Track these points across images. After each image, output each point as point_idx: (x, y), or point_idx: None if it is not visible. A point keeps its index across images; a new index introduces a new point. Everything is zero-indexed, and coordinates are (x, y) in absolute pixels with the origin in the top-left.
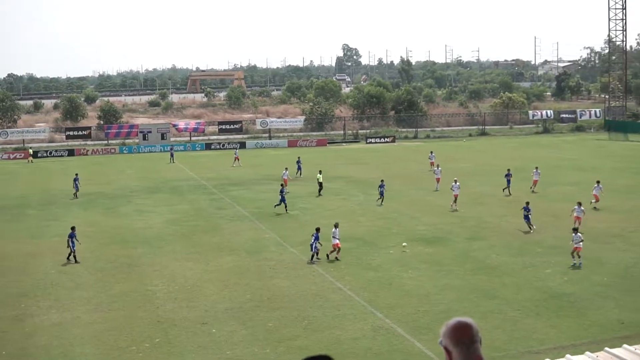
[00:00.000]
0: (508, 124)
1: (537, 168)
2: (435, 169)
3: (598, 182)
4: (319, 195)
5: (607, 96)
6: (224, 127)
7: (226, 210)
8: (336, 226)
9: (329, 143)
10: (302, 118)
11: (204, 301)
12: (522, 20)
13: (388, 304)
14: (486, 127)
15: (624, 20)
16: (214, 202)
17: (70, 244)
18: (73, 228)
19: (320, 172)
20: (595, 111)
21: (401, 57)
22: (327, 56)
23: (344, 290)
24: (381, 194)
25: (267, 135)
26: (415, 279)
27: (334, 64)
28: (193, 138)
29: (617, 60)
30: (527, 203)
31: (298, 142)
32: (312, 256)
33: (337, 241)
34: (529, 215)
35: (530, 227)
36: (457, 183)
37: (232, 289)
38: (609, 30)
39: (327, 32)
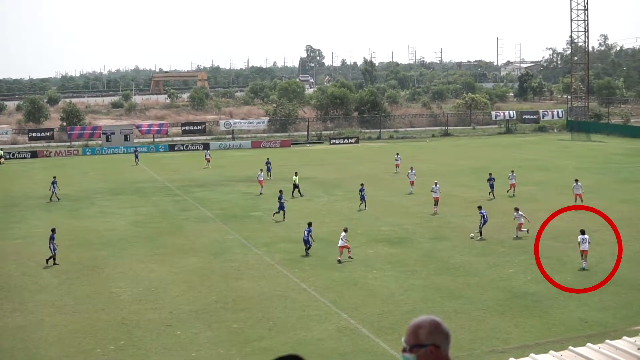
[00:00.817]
0: (471, 124)
1: (512, 172)
2: (410, 172)
3: (577, 180)
4: (301, 196)
5: (569, 97)
6: (187, 128)
7: (190, 211)
8: (345, 230)
9: (292, 144)
10: (266, 119)
11: (168, 303)
12: (485, 22)
13: (353, 304)
14: (449, 127)
15: (586, 21)
16: (178, 204)
17: (51, 247)
18: (53, 230)
19: (296, 173)
20: (557, 112)
21: (364, 58)
22: (290, 57)
23: (308, 291)
24: (362, 198)
25: (230, 136)
26: (380, 280)
27: (297, 65)
28: (156, 139)
29: (579, 61)
30: (480, 207)
31: (262, 143)
32: (307, 250)
33: (346, 244)
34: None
35: (480, 233)
36: (438, 185)
37: (197, 290)
38: (571, 31)
39: (291, 33)
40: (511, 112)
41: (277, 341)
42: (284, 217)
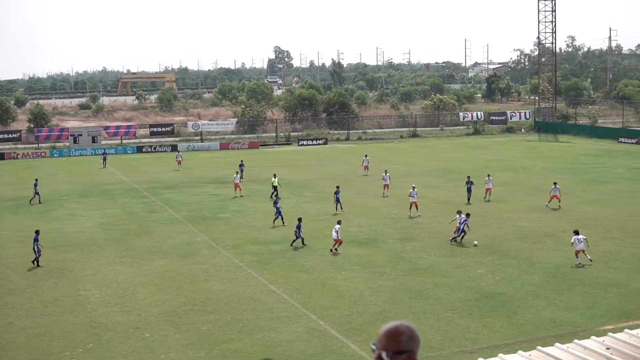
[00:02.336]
0: (439, 125)
1: (489, 175)
2: (384, 174)
3: (555, 183)
4: (277, 198)
5: (536, 98)
6: (155, 129)
7: (158, 213)
8: (339, 223)
9: (261, 145)
10: (234, 120)
11: (136, 305)
12: (453, 23)
13: (322, 305)
14: (417, 128)
15: (554, 23)
16: (146, 206)
17: (35, 249)
18: (37, 232)
19: (274, 175)
20: (525, 112)
21: (332, 59)
22: (258, 58)
23: (277, 292)
24: (337, 200)
25: (198, 138)
26: (349, 281)
27: (265, 66)
28: (124, 141)
29: (546, 62)
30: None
31: (230, 144)
32: (294, 242)
33: (339, 237)
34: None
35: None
36: (416, 190)
37: (165, 292)
38: (539, 32)
39: (259, 34)
40: (479, 113)
41: (246, 343)
42: (282, 222)
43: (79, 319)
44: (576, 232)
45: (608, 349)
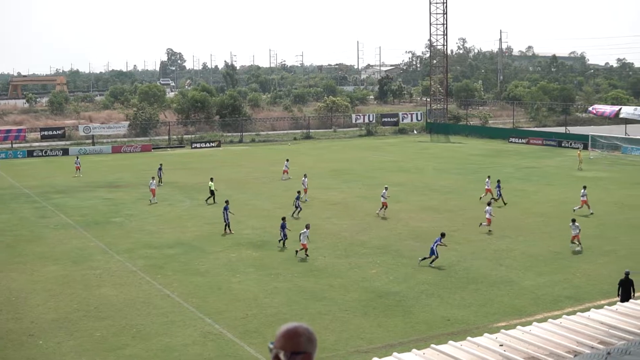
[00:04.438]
0: (332, 127)
1: (493, 178)
2: (303, 179)
3: (584, 187)
4: (213, 202)
5: (428, 99)
6: (46, 133)
7: (50, 218)
8: (307, 227)
9: (153, 148)
10: (126, 123)
11: (29, 312)
12: (345, 25)
13: (217, 309)
14: (311, 130)
15: (445, 25)
16: (37, 211)
17: None
18: None
19: (211, 179)
20: (417, 114)
21: (225, 61)
22: (150, 60)
23: (172, 296)
24: (297, 206)
25: (90, 141)
26: (244, 283)
27: (158, 69)
28: (14, 145)
29: (438, 64)
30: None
31: (122, 148)
32: (280, 241)
33: (306, 242)
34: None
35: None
36: (387, 191)
37: (58, 299)
38: (430, 34)
39: (151, 35)
40: (371, 114)
41: (141, 348)
42: (228, 229)
43: None
44: (573, 221)
45: (501, 345)
